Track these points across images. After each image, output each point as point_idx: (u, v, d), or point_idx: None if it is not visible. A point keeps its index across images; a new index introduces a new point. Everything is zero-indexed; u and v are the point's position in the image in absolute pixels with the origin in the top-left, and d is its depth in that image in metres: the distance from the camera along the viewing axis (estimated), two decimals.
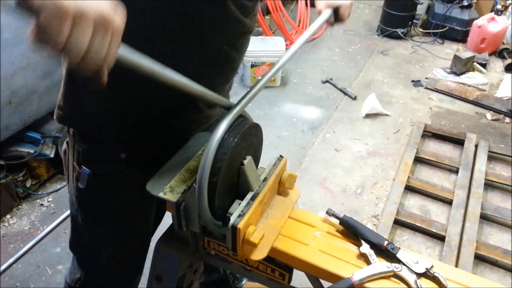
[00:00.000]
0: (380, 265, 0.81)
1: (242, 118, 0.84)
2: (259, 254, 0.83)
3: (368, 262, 0.83)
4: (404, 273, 0.80)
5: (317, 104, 3.02)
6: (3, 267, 1.80)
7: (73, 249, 1.17)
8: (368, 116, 2.88)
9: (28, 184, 2.11)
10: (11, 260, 1.83)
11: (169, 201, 0.83)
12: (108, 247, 1.09)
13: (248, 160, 0.84)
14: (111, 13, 0.51)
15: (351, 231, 0.88)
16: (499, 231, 2.09)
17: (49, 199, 2.14)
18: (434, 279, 0.80)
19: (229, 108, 0.81)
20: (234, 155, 0.79)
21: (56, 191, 2.18)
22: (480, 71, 3.42)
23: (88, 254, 1.13)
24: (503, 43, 3.68)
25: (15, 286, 1.75)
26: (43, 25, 0.47)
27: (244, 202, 0.83)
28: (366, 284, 0.79)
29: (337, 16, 1.01)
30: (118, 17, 0.52)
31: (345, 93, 3.12)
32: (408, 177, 2.30)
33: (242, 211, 0.81)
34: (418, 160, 2.48)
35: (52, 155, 2.09)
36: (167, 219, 1.06)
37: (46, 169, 2.18)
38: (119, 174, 0.95)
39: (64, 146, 1.01)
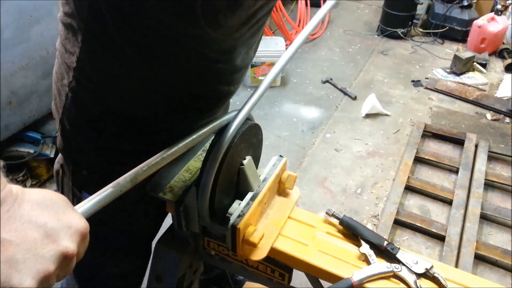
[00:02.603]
0: (379, 265, 0.81)
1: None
2: (259, 254, 0.83)
3: (368, 262, 0.83)
4: (404, 273, 0.80)
5: (317, 104, 3.02)
6: None
7: None
8: (368, 116, 2.88)
9: (28, 184, 2.11)
10: None
11: (169, 201, 0.83)
12: (111, 264, 1.07)
13: (248, 160, 0.84)
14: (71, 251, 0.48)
15: (351, 231, 0.88)
16: (499, 231, 2.09)
17: None
18: (434, 279, 0.80)
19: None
20: (234, 155, 0.79)
21: (56, 191, 2.18)
22: (480, 71, 3.42)
23: (87, 272, 1.10)
24: (503, 43, 3.68)
25: None
26: None
27: (244, 202, 0.83)
28: (366, 284, 0.79)
29: None
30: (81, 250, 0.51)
31: (345, 93, 3.12)
32: (408, 177, 2.30)
33: (242, 211, 0.81)
34: (418, 160, 2.48)
35: (52, 155, 2.09)
36: (167, 219, 1.06)
37: (46, 169, 2.18)
38: (124, 196, 0.95)
39: (57, 166, 0.98)
